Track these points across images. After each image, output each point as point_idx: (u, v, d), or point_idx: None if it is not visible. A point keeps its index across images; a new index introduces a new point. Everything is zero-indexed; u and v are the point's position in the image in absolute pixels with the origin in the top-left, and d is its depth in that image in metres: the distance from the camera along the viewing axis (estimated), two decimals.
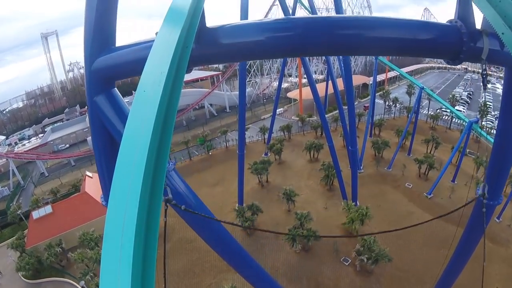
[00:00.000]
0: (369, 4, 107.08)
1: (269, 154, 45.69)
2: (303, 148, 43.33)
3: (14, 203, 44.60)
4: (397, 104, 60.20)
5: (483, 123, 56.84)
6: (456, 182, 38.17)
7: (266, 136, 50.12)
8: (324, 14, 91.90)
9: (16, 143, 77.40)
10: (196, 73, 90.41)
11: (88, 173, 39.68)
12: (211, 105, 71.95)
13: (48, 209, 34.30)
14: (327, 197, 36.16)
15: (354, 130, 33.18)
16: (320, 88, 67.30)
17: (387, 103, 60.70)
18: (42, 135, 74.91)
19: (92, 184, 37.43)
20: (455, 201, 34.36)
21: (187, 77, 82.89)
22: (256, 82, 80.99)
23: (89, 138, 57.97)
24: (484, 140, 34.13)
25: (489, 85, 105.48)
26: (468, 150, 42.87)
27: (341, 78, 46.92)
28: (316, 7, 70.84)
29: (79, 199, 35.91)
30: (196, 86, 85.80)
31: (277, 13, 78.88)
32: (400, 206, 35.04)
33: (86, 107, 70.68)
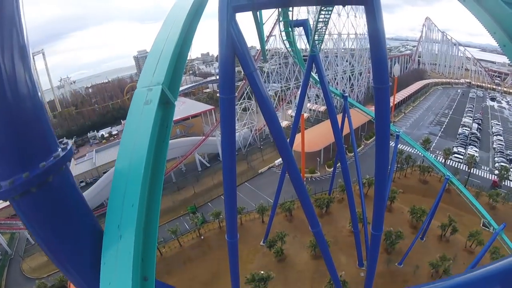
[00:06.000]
0: None
1: (268, 239, 41.42)
2: (307, 244, 39.28)
3: (3, 281, 42.75)
4: (409, 161, 55.48)
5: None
6: None
7: (265, 217, 45.80)
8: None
9: None
10: (187, 108, 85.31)
11: None
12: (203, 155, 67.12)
13: None
14: None
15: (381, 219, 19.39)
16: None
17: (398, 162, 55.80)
18: None
19: None
20: None
21: (176, 115, 77.87)
22: (252, 120, 75.28)
23: None
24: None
25: (494, 104, 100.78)
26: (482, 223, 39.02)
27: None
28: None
29: None
30: (186, 123, 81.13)
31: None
32: None
33: (73, 138, 65.83)
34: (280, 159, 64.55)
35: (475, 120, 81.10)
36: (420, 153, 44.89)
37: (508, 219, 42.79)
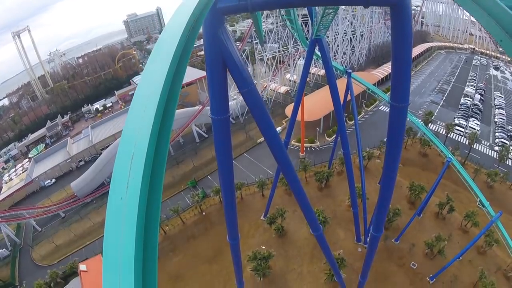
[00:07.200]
0: None
1: (268, 216, 41.93)
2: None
3: (17, 272, 43.73)
4: (410, 133, 54.76)
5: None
6: (461, 259, 35.79)
7: (265, 191, 46.03)
8: None
9: (3, 168, 75.23)
10: None
11: (81, 266, 35.74)
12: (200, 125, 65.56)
13: None
14: None
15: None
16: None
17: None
18: (27, 161, 71.26)
19: (90, 283, 33.50)
20: None
21: None
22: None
23: (73, 184, 53.44)
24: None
25: (498, 74, 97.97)
26: (478, 201, 39.84)
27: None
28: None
29: None
30: (181, 92, 77.96)
31: None
32: None
33: (68, 114, 64.52)
34: (279, 128, 63.56)
35: (478, 90, 78.97)
36: (422, 124, 44.36)
37: (504, 198, 43.88)
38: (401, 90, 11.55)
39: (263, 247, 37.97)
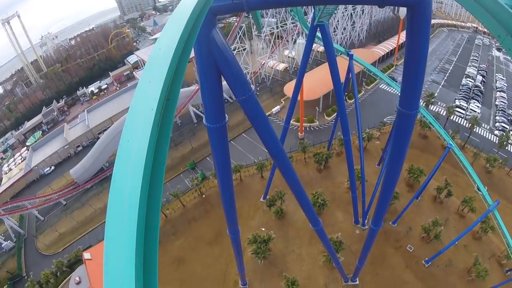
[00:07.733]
0: None
1: (268, 198, 42.06)
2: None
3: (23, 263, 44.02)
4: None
5: None
6: (456, 243, 36.22)
7: (265, 172, 45.89)
8: None
9: (2, 158, 74.48)
10: None
11: (85, 255, 35.95)
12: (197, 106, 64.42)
13: None
14: (329, 270, 34.81)
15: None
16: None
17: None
18: (25, 149, 70.19)
19: (95, 271, 33.86)
20: (449, 273, 34.16)
21: None
22: (246, 65, 69.75)
23: (72, 170, 53.09)
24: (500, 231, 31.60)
25: (500, 56, 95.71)
26: (476, 187, 40.24)
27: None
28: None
29: None
30: None
31: None
32: (397, 273, 34.70)
33: (63, 98, 63.69)
34: (278, 106, 62.77)
35: (480, 72, 77.22)
36: (422, 105, 43.71)
37: (502, 184, 44.17)
38: (411, 96, 10.85)
39: (263, 229, 38.49)
